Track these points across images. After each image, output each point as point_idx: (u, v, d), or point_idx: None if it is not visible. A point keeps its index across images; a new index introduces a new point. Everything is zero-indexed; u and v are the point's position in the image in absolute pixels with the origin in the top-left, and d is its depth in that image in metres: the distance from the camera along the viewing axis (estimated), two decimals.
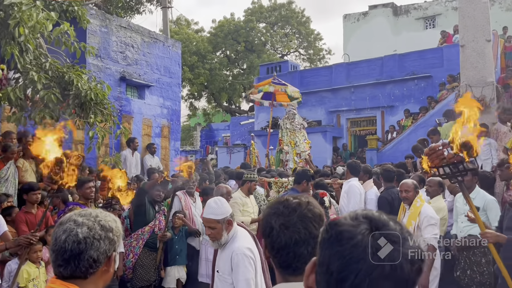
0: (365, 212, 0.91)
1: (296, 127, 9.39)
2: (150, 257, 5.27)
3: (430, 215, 4.29)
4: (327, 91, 17.26)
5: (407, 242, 0.87)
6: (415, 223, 4.28)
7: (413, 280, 0.87)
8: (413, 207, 4.40)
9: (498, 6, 19.31)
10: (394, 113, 15.64)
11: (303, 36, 30.87)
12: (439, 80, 14.33)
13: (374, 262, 0.83)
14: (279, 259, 1.40)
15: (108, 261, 1.45)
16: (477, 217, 3.65)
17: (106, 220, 1.47)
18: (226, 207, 2.94)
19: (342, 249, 0.86)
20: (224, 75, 30.04)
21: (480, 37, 7.60)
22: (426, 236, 4.21)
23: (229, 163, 16.99)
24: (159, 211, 5.45)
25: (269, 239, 1.43)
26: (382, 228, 0.87)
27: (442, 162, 3.42)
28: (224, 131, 26.20)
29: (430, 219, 4.26)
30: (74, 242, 1.39)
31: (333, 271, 0.86)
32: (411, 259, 0.86)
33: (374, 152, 14.10)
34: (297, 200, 1.45)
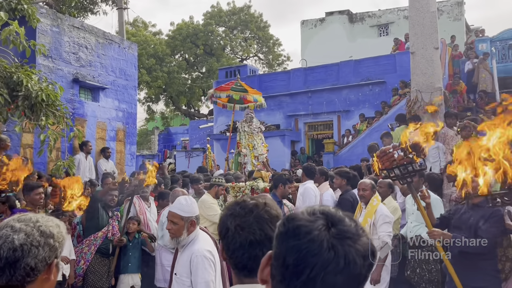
0: (322, 208, 0.94)
1: (253, 130, 9.49)
2: (102, 264, 5.10)
3: (385, 214, 4.45)
4: (285, 95, 17.49)
5: (361, 239, 0.90)
6: (371, 221, 4.42)
7: (364, 275, 0.90)
8: (369, 205, 4.54)
9: (446, 16, 20.31)
10: (349, 117, 16.06)
11: (262, 41, 31.13)
12: (392, 85, 14.87)
13: (329, 257, 0.86)
14: (234, 260, 1.40)
15: (49, 268, 1.37)
16: (425, 217, 3.81)
17: (47, 226, 1.39)
18: (194, 207, 2.93)
19: (299, 243, 0.88)
20: (182, 78, 29.74)
21: (429, 44, 7.96)
22: (381, 234, 4.36)
23: (187, 167, 16.82)
24: (113, 216, 5.30)
25: (225, 240, 1.43)
26: (338, 224, 0.90)
27: (393, 164, 3.55)
28: (183, 135, 25.91)
29: (385, 217, 4.42)
30: (10, 249, 1.30)
31: (289, 264, 0.88)
32: (364, 255, 0.89)
33: (330, 155, 14.40)
34: (254, 201, 1.46)
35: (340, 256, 0.86)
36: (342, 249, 0.87)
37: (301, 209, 0.97)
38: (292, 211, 5.35)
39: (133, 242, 5.29)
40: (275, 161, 13.64)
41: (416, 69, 8.18)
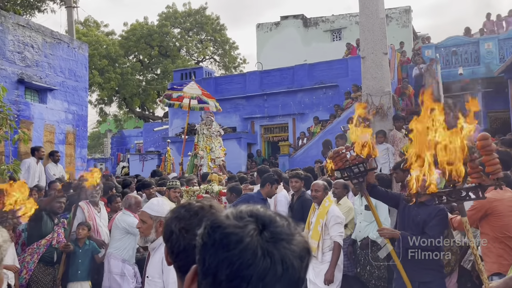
0: (249, 209, 0.85)
1: (212, 134, 9.49)
2: (46, 273, 4.87)
3: (337, 215, 4.56)
4: (241, 98, 17.54)
5: (295, 238, 0.82)
6: (323, 222, 4.52)
7: (302, 278, 0.82)
8: (322, 206, 4.63)
9: (395, 23, 21.15)
10: (304, 120, 16.34)
11: (219, 44, 31.05)
12: (344, 89, 15.28)
13: (266, 265, 0.77)
14: (178, 263, 1.37)
15: None
16: (375, 215, 3.94)
17: None
18: (164, 208, 2.93)
19: (230, 255, 0.78)
20: (136, 80, 29.09)
21: (378, 50, 8.24)
22: (333, 234, 4.46)
23: (141, 171, 16.47)
24: (58, 224, 5.07)
25: (169, 244, 1.40)
26: (270, 226, 0.81)
27: (345, 164, 3.65)
28: (137, 138, 25.33)
29: (337, 218, 4.52)
30: None
31: (221, 280, 0.78)
32: (301, 255, 0.81)
33: (286, 158, 14.58)
34: (200, 204, 1.45)
35: (277, 262, 0.77)
36: (278, 253, 0.78)
37: (225, 212, 0.86)
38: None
39: (83, 249, 5.10)
40: (232, 164, 13.64)
41: (367, 73, 8.44)
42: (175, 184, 5.64)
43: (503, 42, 15.62)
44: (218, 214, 1.40)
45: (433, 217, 3.79)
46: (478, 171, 2.62)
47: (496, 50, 15.63)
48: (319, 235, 4.51)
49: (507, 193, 3.50)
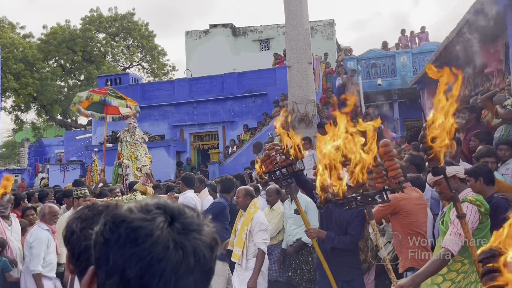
0: (156, 202, 0.82)
1: (137, 141, 9.16)
2: None
3: (261, 221, 4.55)
4: (170, 105, 17.25)
5: (205, 228, 0.81)
6: (248, 229, 4.52)
7: (213, 268, 0.82)
8: (247, 213, 4.62)
9: (320, 35, 22.09)
10: (234, 128, 16.43)
11: (147, 50, 30.32)
12: (273, 97, 15.63)
13: (178, 258, 0.75)
14: (79, 267, 1.29)
15: None
16: (303, 216, 4.05)
17: None
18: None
19: (139, 250, 0.74)
20: (57, 86, 27.48)
21: (303, 59, 8.58)
22: (257, 241, 4.48)
23: (63, 182, 15.51)
24: None
25: (70, 246, 1.32)
26: (179, 217, 0.80)
27: (275, 167, 3.74)
28: (58, 147, 23.85)
29: (261, 225, 4.51)
30: None
31: (130, 277, 0.74)
32: (211, 245, 0.81)
33: (216, 165, 14.55)
34: (105, 203, 1.39)
35: (189, 253, 0.76)
36: (190, 245, 0.77)
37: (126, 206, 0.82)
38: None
39: None
40: (160, 172, 13.32)
41: (292, 82, 8.73)
42: (84, 193, 5.31)
43: (416, 56, 16.97)
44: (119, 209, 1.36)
45: (355, 217, 3.97)
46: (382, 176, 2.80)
47: (410, 63, 16.92)
48: (243, 242, 4.50)
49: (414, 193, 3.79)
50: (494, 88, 6.75)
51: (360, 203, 3.05)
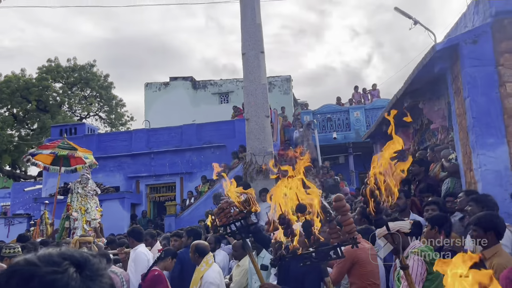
0: (58, 252, 0.84)
1: (88, 193, 8.81)
2: None
3: (210, 281, 4.30)
4: (127, 156, 16.92)
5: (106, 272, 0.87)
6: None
7: None
8: (197, 270, 4.41)
9: (278, 90, 22.87)
10: (192, 179, 16.25)
11: (105, 100, 30.06)
12: (231, 149, 15.73)
13: None
14: None
15: None
16: (258, 272, 3.97)
17: None
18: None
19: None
20: (8, 135, 26.42)
21: (261, 113, 8.80)
22: None
23: (7, 236, 14.53)
24: None
25: None
26: (86, 265, 0.83)
27: (230, 220, 3.69)
28: (4, 199, 22.51)
29: (210, 284, 4.28)
30: None
31: None
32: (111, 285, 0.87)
33: (172, 218, 14.19)
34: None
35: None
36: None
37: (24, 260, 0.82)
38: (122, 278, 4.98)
39: None
40: (113, 226, 12.78)
41: (251, 134, 8.87)
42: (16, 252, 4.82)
43: (369, 111, 17.83)
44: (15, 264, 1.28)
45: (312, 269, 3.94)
46: (336, 231, 2.84)
47: (363, 118, 17.73)
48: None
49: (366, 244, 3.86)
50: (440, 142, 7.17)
51: (315, 259, 3.06)
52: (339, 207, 2.90)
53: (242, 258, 5.17)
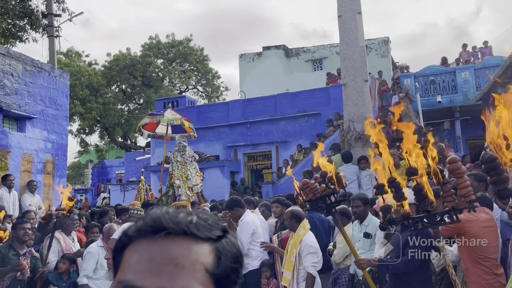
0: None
1: (187, 160, 9.11)
2: None
3: (310, 244, 4.35)
4: (224, 126, 17.55)
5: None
6: (297, 251, 4.36)
7: None
8: (296, 235, 4.44)
9: (375, 53, 21.72)
10: (287, 148, 16.37)
11: (202, 74, 31.30)
12: (326, 117, 15.44)
13: None
14: None
15: None
16: (351, 247, 3.88)
17: None
18: None
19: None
20: (119, 110, 28.94)
21: (359, 77, 8.41)
22: (306, 264, 4.27)
23: (123, 201, 16.12)
24: (25, 254, 4.81)
25: None
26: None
27: (316, 196, 3.64)
28: (118, 168, 24.97)
29: (310, 248, 4.32)
30: None
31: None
32: None
33: (269, 185, 14.50)
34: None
35: None
36: None
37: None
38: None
39: (67, 282, 4.87)
40: (215, 192, 13.47)
41: (348, 100, 8.56)
42: (137, 213, 5.32)
43: (479, 71, 16.13)
44: None
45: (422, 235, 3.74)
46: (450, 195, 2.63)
47: (473, 79, 16.11)
48: (293, 266, 4.33)
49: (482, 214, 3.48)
50: None
51: (426, 224, 2.88)
52: (454, 169, 2.67)
53: (345, 225, 5.08)
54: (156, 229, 0.69)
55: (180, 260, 0.67)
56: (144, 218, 0.72)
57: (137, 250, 0.69)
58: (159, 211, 0.73)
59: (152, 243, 0.69)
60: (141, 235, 0.70)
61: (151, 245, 0.68)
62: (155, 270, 0.66)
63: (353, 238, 4.99)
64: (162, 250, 0.68)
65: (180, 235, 0.69)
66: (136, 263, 0.68)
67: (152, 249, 0.68)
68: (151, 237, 0.69)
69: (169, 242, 0.68)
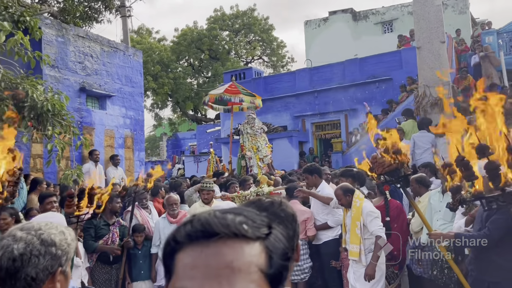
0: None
1: (256, 132, 9.32)
2: (103, 271, 5.09)
3: (371, 210, 4.41)
4: (291, 96, 17.45)
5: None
6: (360, 223, 4.34)
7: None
8: (353, 208, 4.43)
9: (451, 10, 20.14)
10: (357, 115, 15.95)
11: (267, 43, 31.13)
12: (398, 82, 14.75)
13: None
14: None
15: (53, 278, 1.33)
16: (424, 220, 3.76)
17: (49, 233, 1.35)
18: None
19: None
20: (188, 83, 29.83)
21: (435, 38, 7.88)
22: (373, 229, 4.30)
23: (196, 172, 16.84)
24: (114, 223, 5.26)
25: None
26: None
27: (385, 170, 3.58)
28: (191, 140, 25.97)
29: (372, 213, 4.38)
30: (10, 259, 1.28)
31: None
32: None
33: (339, 155, 14.32)
34: (270, 200, 1.43)
35: None
36: None
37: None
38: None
39: (143, 250, 5.30)
40: (284, 163, 13.58)
41: (423, 64, 8.09)
42: (208, 186, 5.55)
43: None
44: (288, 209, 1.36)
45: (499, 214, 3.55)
46: None
47: None
48: (359, 238, 4.36)
49: None
50: None
51: (502, 203, 2.72)
52: None
53: (422, 194, 4.93)
54: (206, 234, 0.69)
55: (235, 263, 0.67)
56: (192, 222, 0.72)
57: (191, 256, 0.69)
58: (206, 214, 0.73)
59: (205, 248, 0.69)
60: (192, 240, 0.70)
61: (204, 251, 0.68)
62: (212, 276, 0.66)
63: (432, 208, 4.82)
64: (217, 255, 0.68)
65: (231, 237, 0.69)
66: (191, 269, 0.68)
67: (206, 254, 0.68)
68: (203, 242, 0.69)
69: (222, 246, 0.68)
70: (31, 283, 1.28)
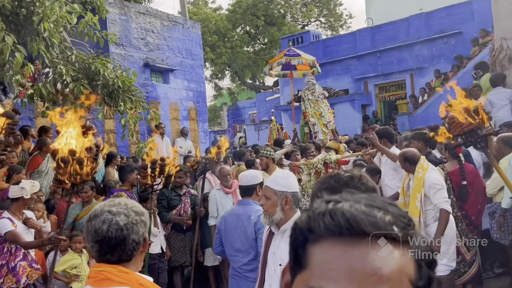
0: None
1: (318, 98, 9.10)
2: (178, 239, 5.38)
3: (433, 182, 4.08)
4: (352, 58, 16.86)
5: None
6: (421, 196, 4.11)
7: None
8: (415, 178, 4.18)
9: None
10: (423, 74, 15.14)
11: (323, 4, 30.06)
12: (470, 36, 13.70)
13: None
14: None
15: (144, 242, 1.59)
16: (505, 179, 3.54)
17: (136, 206, 1.61)
18: (291, 182, 2.55)
19: None
20: (245, 52, 29.76)
21: None
22: (437, 202, 4.03)
23: (257, 140, 17.02)
24: (185, 193, 5.47)
25: None
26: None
27: (463, 130, 3.39)
28: (250, 108, 26.18)
29: (435, 185, 4.06)
30: (117, 230, 1.51)
31: None
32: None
33: (405, 117, 13.76)
34: (349, 174, 1.41)
35: None
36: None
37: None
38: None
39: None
40: (346, 127, 13.32)
41: (499, 14, 7.41)
42: (268, 153, 5.54)
43: None
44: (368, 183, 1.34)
45: None
46: None
47: None
48: (419, 211, 4.11)
49: None
50: None
51: None
52: None
53: (506, 154, 4.58)
54: (352, 231, 0.61)
55: (385, 271, 0.59)
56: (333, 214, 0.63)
57: (331, 254, 0.61)
58: (351, 207, 0.63)
59: (349, 248, 0.60)
60: (332, 235, 0.62)
61: (348, 252, 0.60)
62: (357, 282, 0.58)
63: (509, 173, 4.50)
64: (364, 258, 0.59)
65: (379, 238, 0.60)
66: (332, 269, 0.60)
67: (350, 256, 0.60)
68: (345, 240, 0.61)
69: (369, 247, 0.60)
70: (135, 246, 1.55)
